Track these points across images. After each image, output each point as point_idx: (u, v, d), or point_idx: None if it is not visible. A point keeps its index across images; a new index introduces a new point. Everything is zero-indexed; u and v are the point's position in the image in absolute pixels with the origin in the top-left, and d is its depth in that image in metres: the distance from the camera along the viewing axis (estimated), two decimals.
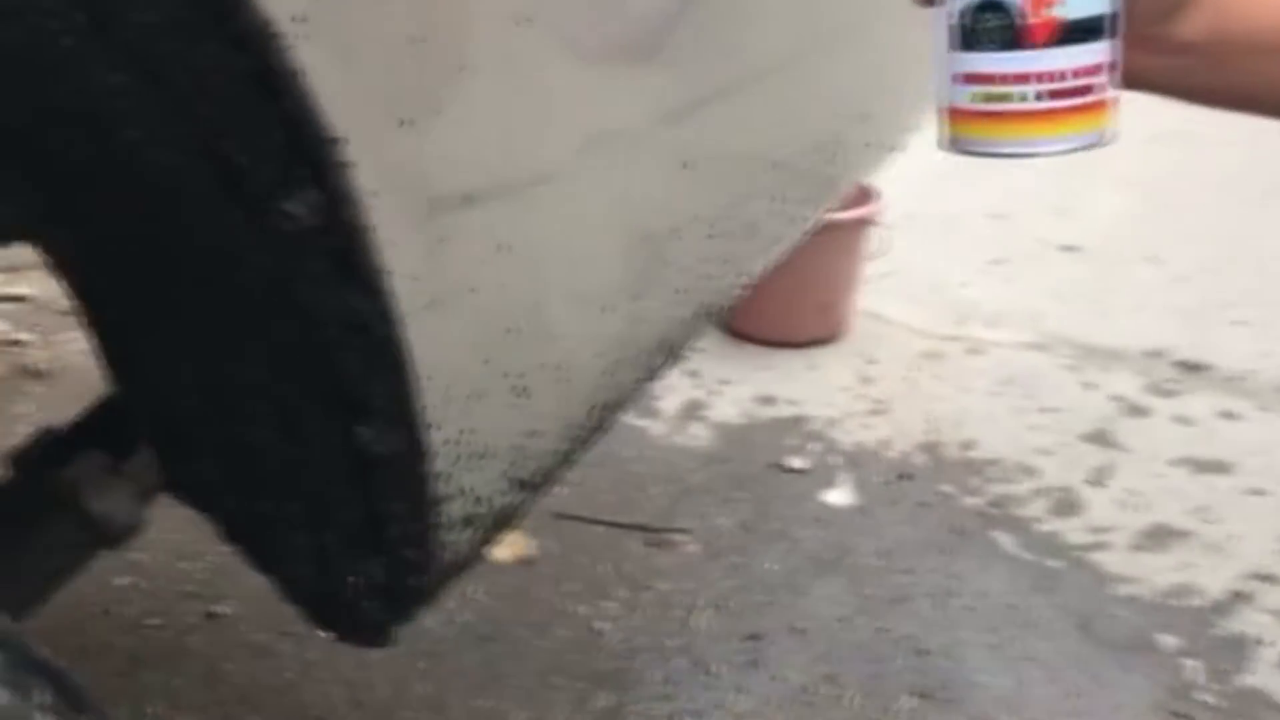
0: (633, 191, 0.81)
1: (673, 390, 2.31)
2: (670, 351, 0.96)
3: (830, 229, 2.09)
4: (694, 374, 2.38)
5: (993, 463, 2.16)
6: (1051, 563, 1.90)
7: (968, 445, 2.21)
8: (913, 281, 2.79)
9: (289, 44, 0.53)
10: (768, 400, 2.34)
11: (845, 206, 2.27)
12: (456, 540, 0.80)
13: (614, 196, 0.78)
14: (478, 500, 0.79)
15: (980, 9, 0.64)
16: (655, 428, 2.22)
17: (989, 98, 0.66)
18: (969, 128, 0.67)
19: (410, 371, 0.68)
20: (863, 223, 2.45)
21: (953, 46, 0.66)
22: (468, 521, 0.80)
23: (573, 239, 0.76)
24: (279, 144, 0.57)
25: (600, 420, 0.90)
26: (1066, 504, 2.06)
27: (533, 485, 0.85)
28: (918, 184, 2.75)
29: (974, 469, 2.14)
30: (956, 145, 0.69)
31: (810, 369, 2.46)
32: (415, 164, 0.62)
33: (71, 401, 1.04)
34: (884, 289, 2.68)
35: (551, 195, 0.73)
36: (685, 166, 0.83)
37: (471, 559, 0.86)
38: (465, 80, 0.63)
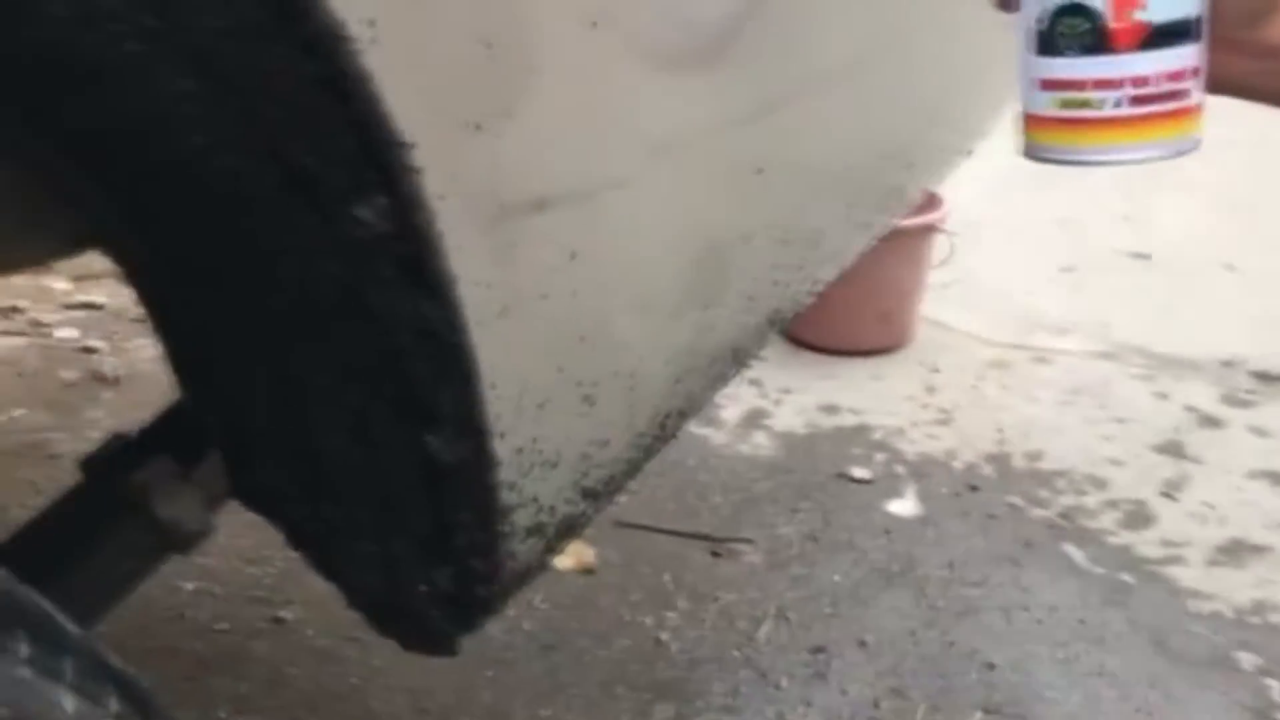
0: (703, 197, 0.79)
1: (735, 399, 2.29)
2: (738, 359, 0.94)
3: (894, 235, 2.06)
4: (756, 382, 2.37)
5: (1062, 474, 2.12)
6: (1124, 576, 1.86)
7: (1036, 456, 2.17)
8: (978, 289, 2.75)
9: (359, 47, 0.52)
10: (831, 409, 2.31)
11: (909, 213, 2.24)
12: (523, 549, 0.79)
13: (684, 202, 0.77)
14: (545, 509, 0.78)
15: (1062, 13, 0.62)
16: (717, 436, 2.20)
17: (1071, 104, 0.64)
18: (1050, 135, 0.65)
19: (479, 379, 0.67)
20: (927, 229, 2.42)
21: (1033, 51, 0.64)
22: (534, 530, 0.79)
23: (642, 245, 0.75)
24: (348, 149, 0.56)
25: (668, 429, 0.89)
26: (1139, 517, 2.01)
27: (600, 494, 0.84)
28: (982, 190, 2.72)
29: (1042, 480, 2.10)
30: (1037, 152, 0.66)
31: (874, 378, 2.43)
32: (485, 169, 0.61)
33: (142, 407, 1.05)
34: (949, 297, 2.65)
35: (621, 201, 0.72)
36: (756, 172, 0.81)
37: (537, 568, 0.85)
38: (534, 84, 0.62)
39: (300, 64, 0.52)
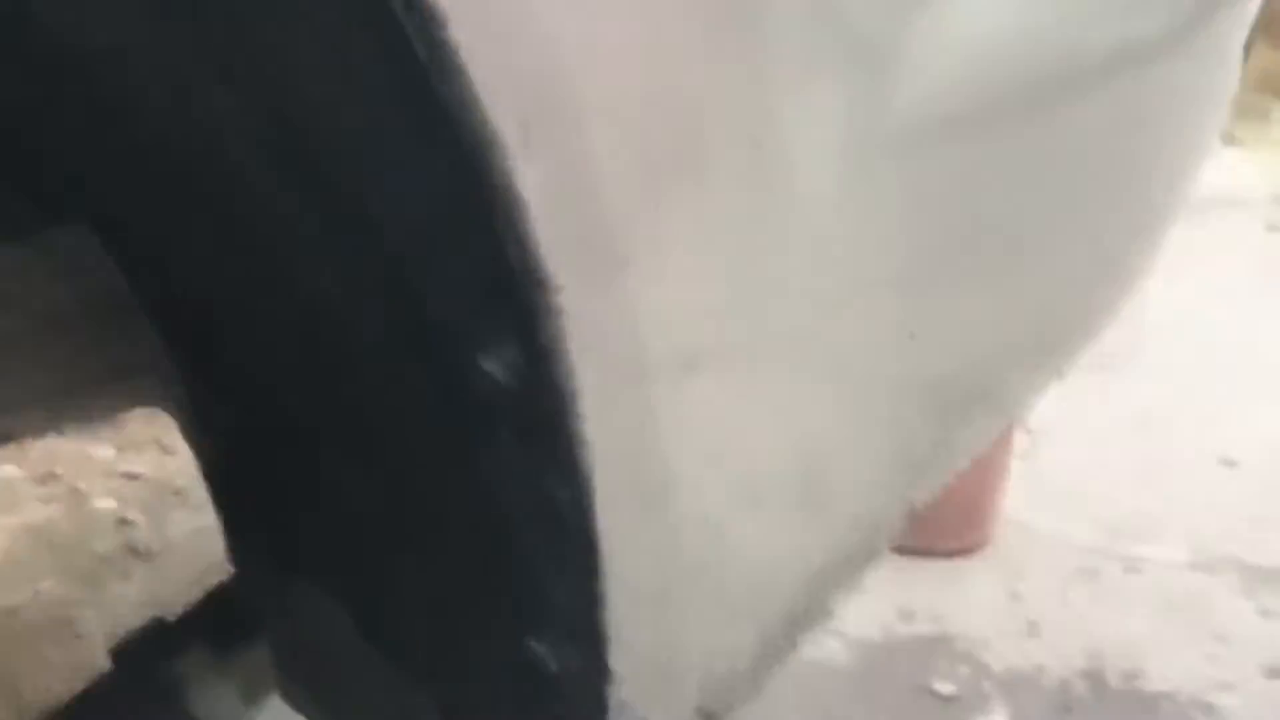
0: (849, 369, 0.69)
1: None
2: (871, 556, 0.82)
3: None
4: None
5: (1166, 696, 1.93)
6: None
7: (1134, 675, 1.99)
8: (1058, 491, 2.61)
9: (511, 164, 0.43)
10: (908, 615, 2.15)
11: None
12: None
13: (843, 370, 0.67)
14: None
15: None
16: None
17: None
18: None
19: (600, 572, 0.55)
20: (1006, 427, 2.30)
21: None
22: None
23: (788, 420, 0.64)
24: (481, 288, 0.47)
25: (794, 637, 0.76)
26: None
27: (717, 716, 0.71)
28: (1055, 390, 2.61)
29: (1146, 703, 1.92)
30: None
31: (953, 581, 2.27)
32: (634, 318, 0.51)
33: (176, 585, 0.94)
34: (1028, 497, 2.50)
35: (771, 366, 0.61)
36: (911, 337, 0.71)
37: None
38: (694, 219, 0.53)
39: (442, 181, 0.43)
